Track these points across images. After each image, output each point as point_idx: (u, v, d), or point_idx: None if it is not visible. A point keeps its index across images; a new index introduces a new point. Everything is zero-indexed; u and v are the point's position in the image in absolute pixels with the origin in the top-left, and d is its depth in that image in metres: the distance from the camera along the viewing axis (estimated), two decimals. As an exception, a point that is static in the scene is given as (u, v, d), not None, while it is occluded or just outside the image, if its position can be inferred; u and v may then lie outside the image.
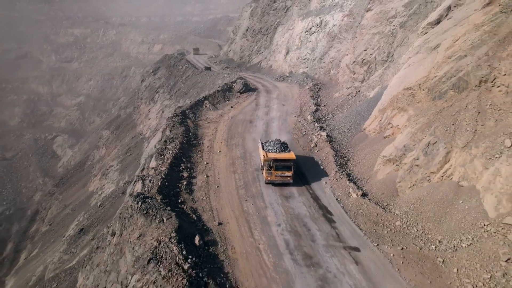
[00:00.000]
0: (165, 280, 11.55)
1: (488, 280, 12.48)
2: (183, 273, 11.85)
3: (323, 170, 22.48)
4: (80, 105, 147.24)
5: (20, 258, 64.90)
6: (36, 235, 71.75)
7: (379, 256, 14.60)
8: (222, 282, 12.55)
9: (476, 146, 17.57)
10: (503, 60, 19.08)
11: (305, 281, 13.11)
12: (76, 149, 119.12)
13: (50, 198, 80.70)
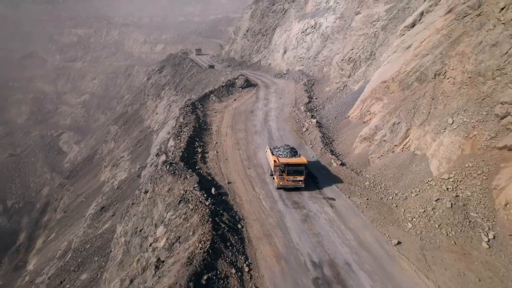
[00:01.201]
0: (193, 211, 16.54)
1: (422, 212, 17.50)
2: (206, 207, 16.86)
3: (312, 148, 27.50)
4: (85, 103, 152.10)
5: (37, 244, 69.78)
6: (49, 224, 76.58)
7: (349, 203, 19.62)
8: (233, 215, 17.57)
9: (428, 124, 22.63)
10: (452, 58, 24.13)
11: (292, 216, 18.14)
12: (82, 145, 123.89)
13: (61, 190, 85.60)
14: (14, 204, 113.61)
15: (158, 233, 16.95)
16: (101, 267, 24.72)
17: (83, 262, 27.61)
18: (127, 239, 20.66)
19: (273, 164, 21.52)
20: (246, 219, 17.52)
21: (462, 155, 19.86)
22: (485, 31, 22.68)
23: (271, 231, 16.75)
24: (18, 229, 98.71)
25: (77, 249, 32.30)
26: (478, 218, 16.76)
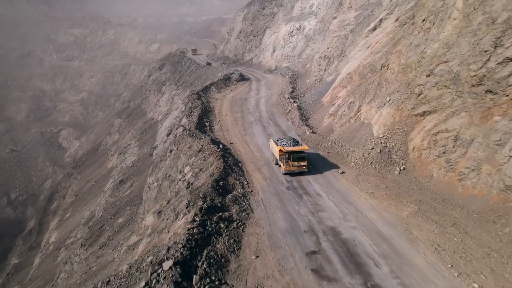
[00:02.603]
0: (209, 154, 25.31)
1: (361, 156, 26.56)
2: (217, 152, 25.64)
3: (292, 123, 36.52)
4: (83, 100, 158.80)
5: (50, 225, 77.22)
6: (60, 208, 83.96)
7: (315, 154, 28.64)
8: (235, 159, 26.43)
9: (374, 102, 31.82)
10: (393, 54, 33.39)
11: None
12: (83, 139, 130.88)
13: (68, 178, 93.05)
14: (18, 196, 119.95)
15: (185, 170, 25.68)
16: (133, 212, 33.25)
17: (117, 212, 36.12)
18: (159, 183, 29.34)
19: (278, 153, 24.77)
20: (244, 161, 26.43)
21: (393, 121, 29.05)
22: (413, 36, 32.03)
23: (260, 167, 25.69)
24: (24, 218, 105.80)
25: (107, 208, 40.74)
26: (396, 159, 25.93)
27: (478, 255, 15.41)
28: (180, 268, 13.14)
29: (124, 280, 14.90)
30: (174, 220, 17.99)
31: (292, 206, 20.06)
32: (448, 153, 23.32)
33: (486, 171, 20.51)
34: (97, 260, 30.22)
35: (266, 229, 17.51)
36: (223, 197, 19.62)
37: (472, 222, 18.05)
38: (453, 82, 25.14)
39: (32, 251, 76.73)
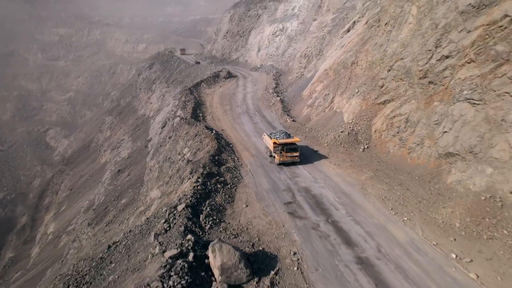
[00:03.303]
0: (204, 137, 30.03)
1: (333, 138, 31.81)
2: (212, 135, 30.43)
3: (276, 114, 41.57)
4: (70, 100, 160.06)
5: (45, 219, 79.88)
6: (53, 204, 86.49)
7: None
8: (227, 141, 31.27)
9: (345, 94, 37.17)
10: (361, 53, 38.85)
11: (261, 144, 32.06)
12: (72, 138, 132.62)
13: (61, 175, 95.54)
14: (6, 195, 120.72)
15: (184, 152, 30.33)
16: (136, 193, 37.59)
17: (119, 195, 40.35)
18: (160, 165, 33.86)
19: (272, 146, 26.80)
20: (234, 143, 31.31)
21: (360, 109, 34.43)
22: (378, 37, 37.57)
23: (248, 148, 30.63)
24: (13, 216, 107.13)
25: (108, 193, 44.82)
26: (361, 139, 31.26)
27: (412, 202, 20.74)
28: (190, 209, 17.92)
29: (144, 225, 19.56)
30: (180, 184, 22.69)
31: (274, 174, 25.06)
32: (401, 132, 28.79)
33: (427, 145, 26.02)
34: (105, 234, 34.37)
35: (253, 189, 22.43)
36: (218, 167, 24.44)
37: (414, 182, 23.43)
38: (406, 75, 30.71)
39: (27, 245, 79.23)
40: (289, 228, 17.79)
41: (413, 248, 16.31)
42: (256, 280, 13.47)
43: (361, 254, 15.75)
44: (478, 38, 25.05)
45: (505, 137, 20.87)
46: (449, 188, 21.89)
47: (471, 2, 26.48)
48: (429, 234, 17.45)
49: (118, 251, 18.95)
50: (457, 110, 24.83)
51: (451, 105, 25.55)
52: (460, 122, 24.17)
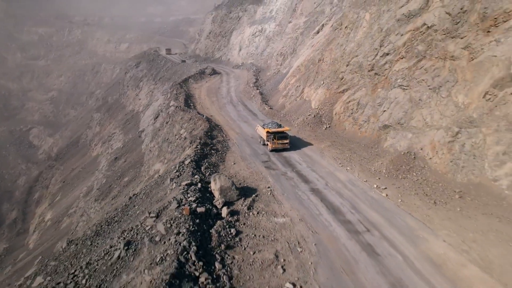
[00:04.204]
0: (197, 120, 37.06)
1: (301, 120, 39.54)
2: (204, 118, 37.51)
3: (255, 104, 49.02)
4: (53, 99, 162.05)
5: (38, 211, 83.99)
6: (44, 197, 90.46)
7: (266, 121, 41.31)
8: (215, 123, 38.45)
9: (313, 85, 45.04)
10: (326, 51, 46.87)
11: (244, 124, 39.35)
12: (57, 136, 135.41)
13: (50, 170, 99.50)
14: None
15: (181, 132, 37.25)
16: (137, 172, 44.04)
17: (121, 174, 46.66)
18: (159, 145, 40.59)
19: (265, 135, 30.58)
20: (221, 125, 38.55)
21: (325, 97, 42.35)
22: (340, 38, 45.67)
23: (234, 128, 37.93)
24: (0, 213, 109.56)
25: (110, 175, 50.90)
26: (324, 121, 39.10)
27: (356, 160, 28.59)
28: (194, 163, 25.08)
29: (158, 179, 26.51)
30: (182, 152, 29.70)
31: (255, 145, 32.47)
32: (354, 113, 36.81)
33: (372, 121, 34.09)
34: (112, 206, 40.64)
35: (239, 154, 29.76)
36: (211, 140, 31.64)
37: (360, 148, 31.35)
38: (359, 69, 38.80)
39: (21, 236, 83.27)
40: (265, 175, 25.23)
41: (350, 183, 24.07)
42: (243, 199, 20.76)
43: (314, 187, 23.37)
44: (407, 40, 33.43)
45: (420, 112, 29.11)
46: (384, 150, 29.94)
47: (404, 13, 34.90)
48: (363, 176, 25.30)
49: (140, 198, 25.82)
50: (393, 94, 33.04)
51: (389, 90, 33.74)
52: (394, 103, 32.38)
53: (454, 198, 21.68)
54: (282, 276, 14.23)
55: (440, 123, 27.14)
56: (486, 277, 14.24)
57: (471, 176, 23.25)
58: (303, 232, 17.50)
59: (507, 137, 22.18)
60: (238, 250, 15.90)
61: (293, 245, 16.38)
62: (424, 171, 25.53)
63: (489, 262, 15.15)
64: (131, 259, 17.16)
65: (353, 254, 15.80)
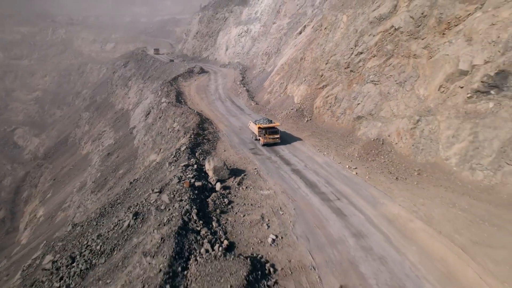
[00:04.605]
0: (189, 114, 40.28)
1: (285, 114, 43.25)
2: (195, 112, 40.76)
3: (242, 100, 52.50)
4: (38, 99, 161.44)
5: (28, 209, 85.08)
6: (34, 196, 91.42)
7: (254, 116, 44.87)
8: (206, 117, 41.76)
9: (295, 82, 48.86)
10: (308, 51, 50.76)
11: (231, 118, 42.78)
12: (44, 136, 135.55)
13: (39, 169, 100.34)
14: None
15: (174, 126, 40.37)
16: (131, 165, 46.83)
17: (116, 168, 49.34)
18: (153, 138, 43.56)
19: (257, 130, 32.69)
20: (211, 119, 41.90)
21: (306, 93, 46.19)
22: (320, 38, 49.63)
23: (222, 122, 41.33)
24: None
25: (104, 170, 53.42)
26: (306, 114, 42.90)
27: (333, 146, 32.42)
28: (189, 149, 28.38)
29: (157, 165, 29.67)
30: (177, 141, 32.91)
31: (243, 135, 35.98)
32: (332, 107, 40.74)
33: (347, 113, 38.06)
34: (109, 197, 43.33)
35: (228, 143, 33.22)
36: (203, 131, 34.98)
37: (337, 137, 35.22)
38: (337, 66, 42.76)
39: (10, 235, 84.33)
40: (252, 159, 28.78)
41: (326, 165, 27.87)
42: (233, 177, 24.23)
43: (294, 168, 27.06)
44: (378, 40, 37.55)
45: (388, 103, 33.19)
46: (358, 138, 33.90)
47: (376, 16, 39.06)
48: (337, 159, 29.14)
49: (140, 182, 28.94)
50: (366, 88, 37.08)
51: (362, 85, 37.78)
52: (366, 96, 36.41)
53: (413, 175, 25.69)
54: (267, 231, 17.77)
55: (404, 113, 31.25)
56: (426, 227, 18.14)
57: (428, 157, 27.34)
58: (284, 201, 21.11)
59: (455, 123, 26.36)
60: (231, 214, 19.38)
61: (276, 209, 19.96)
62: (390, 154, 29.56)
63: (431, 218, 19.09)
64: (140, 226, 20.41)
65: (324, 215, 19.50)
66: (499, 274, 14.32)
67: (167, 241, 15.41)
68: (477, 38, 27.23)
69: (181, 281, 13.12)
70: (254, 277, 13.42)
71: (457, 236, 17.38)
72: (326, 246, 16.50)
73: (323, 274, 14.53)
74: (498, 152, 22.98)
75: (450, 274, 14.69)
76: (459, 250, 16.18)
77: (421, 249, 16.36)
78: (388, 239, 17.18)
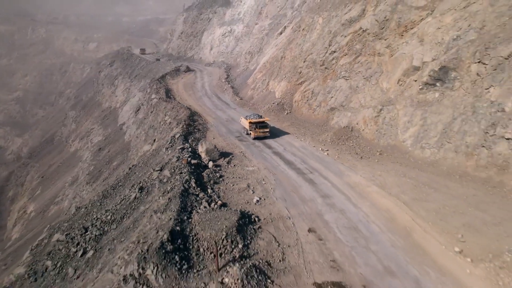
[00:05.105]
0: (179, 108, 44.16)
1: (267, 108, 47.73)
2: (185, 106, 44.65)
3: (228, 96, 56.67)
4: (19, 99, 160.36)
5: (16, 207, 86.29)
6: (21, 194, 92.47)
7: (239, 110, 49.16)
8: (195, 111, 45.73)
9: (276, 78, 53.42)
10: (287, 50, 55.42)
11: (218, 112, 46.91)
12: (27, 136, 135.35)
13: (25, 168, 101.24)
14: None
15: (165, 119, 44.14)
16: (124, 157, 50.18)
17: (109, 160, 52.55)
18: (146, 131, 47.14)
19: (248, 125, 35.14)
20: (200, 113, 45.94)
21: (286, 89, 50.80)
22: (298, 38, 54.38)
23: (210, 115, 45.46)
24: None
25: (97, 164, 56.45)
26: (286, 107, 47.50)
27: (309, 134, 37.07)
28: (183, 136, 32.42)
29: (154, 151, 33.52)
30: (170, 131, 36.80)
31: (230, 125, 40.28)
32: (309, 100, 45.48)
33: (322, 105, 42.87)
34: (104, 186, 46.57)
35: (216, 132, 37.42)
36: (193, 122, 39.00)
37: (313, 127, 39.92)
38: (313, 64, 47.54)
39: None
40: (238, 144, 33.12)
41: (302, 148, 32.48)
42: (223, 158, 28.45)
43: (275, 151, 31.56)
44: (349, 40, 42.51)
45: (357, 96, 38.13)
46: (331, 127, 38.69)
47: (347, 18, 44.02)
48: (312, 143, 33.81)
49: (139, 166, 32.72)
50: (338, 83, 41.97)
51: (335, 81, 42.66)
52: (339, 90, 41.29)
53: (375, 155, 30.57)
54: (252, 195, 22.10)
55: (370, 103, 36.23)
56: (380, 190, 22.90)
57: (389, 140, 32.32)
58: (266, 174, 25.52)
59: (410, 111, 31.43)
60: (222, 184, 23.64)
61: (259, 180, 24.34)
62: (358, 139, 34.45)
63: (385, 184, 23.88)
64: (145, 197, 24.36)
65: (299, 183, 24.01)
66: (427, 218, 19.14)
67: (173, 200, 19.50)
68: (427, 39, 32.47)
69: (187, 224, 17.27)
70: (243, 222, 17.71)
71: (402, 195, 22.19)
72: (299, 204, 20.99)
73: (296, 221, 18.99)
74: (441, 133, 28.10)
75: (392, 219, 19.44)
76: (402, 204, 20.97)
77: (373, 204, 21.08)
78: (348, 198, 21.84)
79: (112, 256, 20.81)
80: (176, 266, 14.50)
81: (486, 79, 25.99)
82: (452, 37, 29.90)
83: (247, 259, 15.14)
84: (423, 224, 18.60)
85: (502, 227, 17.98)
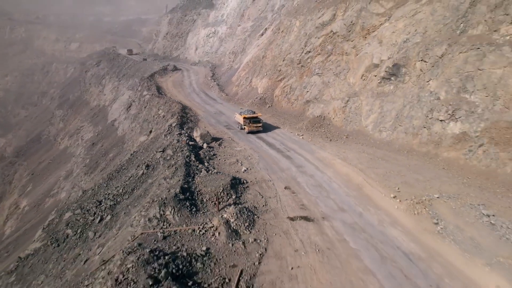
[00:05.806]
0: (171, 103, 49.30)
1: (250, 102, 53.53)
2: (177, 102, 49.80)
3: (214, 92, 62.10)
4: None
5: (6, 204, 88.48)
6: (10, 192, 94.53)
7: (227, 104, 54.70)
8: (186, 105, 50.97)
9: (258, 76, 59.27)
10: (268, 50, 61.37)
11: (207, 106, 52.33)
12: (10, 136, 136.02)
13: (12, 166, 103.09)
14: None
15: (159, 113, 49.17)
16: (120, 149, 54.75)
17: (105, 152, 56.97)
18: (140, 125, 51.95)
19: (242, 120, 38.07)
20: (190, 107, 51.23)
21: (267, 85, 56.69)
22: (278, 39, 60.41)
23: (200, 109, 50.83)
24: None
25: (92, 157, 60.64)
26: (267, 102, 53.41)
27: (287, 123, 43.06)
28: (179, 125, 37.74)
29: (153, 139, 38.65)
30: (166, 122, 41.97)
31: (218, 117, 45.88)
32: (288, 95, 51.53)
33: (299, 99, 48.98)
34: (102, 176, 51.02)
35: (207, 122, 42.93)
36: (186, 114, 44.29)
37: (291, 117, 45.94)
38: (291, 63, 53.63)
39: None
40: (227, 132, 38.76)
41: (281, 133, 38.45)
42: (215, 141, 34.03)
43: (258, 136, 37.42)
44: (322, 42, 48.77)
45: (328, 90, 44.42)
46: (306, 117, 44.82)
47: (320, 22, 50.30)
48: (290, 130, 39.82)
49: (140, 152, 37.78)
50: (313, 80, 48.19)
51: (310, 77, 48.87)
52: (313, 86, 47.50)
53: (343, 138, 36.82)
54: (241, 167, 27.82)
55: (339, 96, 42.55)
56: (342, 162, 29.06)
57: (354, 126, 38.66)
58: (251, 153, 31.30)
59: (371, 101, 37.86)
60: (216, 160, 29.24)
61: (246, 157, 30.08)
62: (329, 126, 40.69)
63: (346, 158, 30.06)
64: (152, 172, 29.61)
65: (278, 158, 29.90)
66: (375, 178, 25.35)
67: (179, 169, 24.95)
68: (385, 41, 39.05)
69: (192, 184, 22.78)
70: (235, 182, 23.39)
71: (359, 165, 28.41)
72: (278, 172, 26.87)
73: (276, 182, 24.84)
74: (395, 118, 34.59)
75: (349, 180, 25.57)
76: (358, 170, 27.16)
77: (336, 171, 27.18)
78: (317, 168, 27.88)
79: (128, 217, 25.97)
80: (188, 209, 20.01)
81: (427, 74, 32.63)
82: (403, 39, 36.53)
83: (240, 205, 20.82)
84: (371, 182, 24.78)
85: (429, 183, 24.38)
